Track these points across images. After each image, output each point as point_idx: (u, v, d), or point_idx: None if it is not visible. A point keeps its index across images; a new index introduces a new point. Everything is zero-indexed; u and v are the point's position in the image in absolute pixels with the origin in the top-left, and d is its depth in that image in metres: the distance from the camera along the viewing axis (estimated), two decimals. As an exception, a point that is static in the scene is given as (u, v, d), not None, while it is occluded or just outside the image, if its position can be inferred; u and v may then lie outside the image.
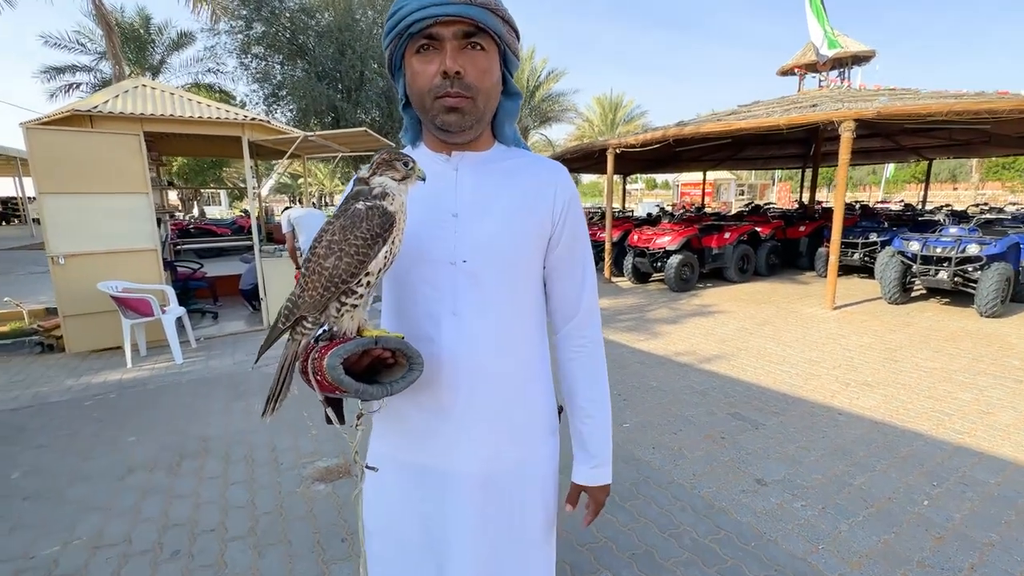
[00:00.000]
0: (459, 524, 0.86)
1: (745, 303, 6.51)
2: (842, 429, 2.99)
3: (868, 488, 2.39)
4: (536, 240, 0.86)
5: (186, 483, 2.48)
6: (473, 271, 0.82)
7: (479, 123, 0.81)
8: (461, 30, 0.75)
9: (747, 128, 6.67)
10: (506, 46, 0.81)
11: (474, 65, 0.76)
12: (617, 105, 28.82)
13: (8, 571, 1.90)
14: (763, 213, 10.30)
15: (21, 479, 2.55)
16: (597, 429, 0.94)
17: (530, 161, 0.89)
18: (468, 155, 0.85)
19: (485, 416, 0.86)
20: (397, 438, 0.90)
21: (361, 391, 0.69)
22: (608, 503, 2.27)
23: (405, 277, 0.85)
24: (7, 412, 3.36)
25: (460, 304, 0.83)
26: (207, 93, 17.31)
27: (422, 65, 0.76)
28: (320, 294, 0.69)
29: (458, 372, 0.83)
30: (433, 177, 0.84)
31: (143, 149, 4.56)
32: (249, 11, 13.31)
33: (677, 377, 3.89)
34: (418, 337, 0.84)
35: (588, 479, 0.95)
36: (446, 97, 0.76)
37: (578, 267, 0.91)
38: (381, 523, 0.92)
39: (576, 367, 0.94)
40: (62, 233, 4.33)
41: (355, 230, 0.68)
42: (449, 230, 0.83)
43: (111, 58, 9.85)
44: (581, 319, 0.93)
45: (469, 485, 0.86)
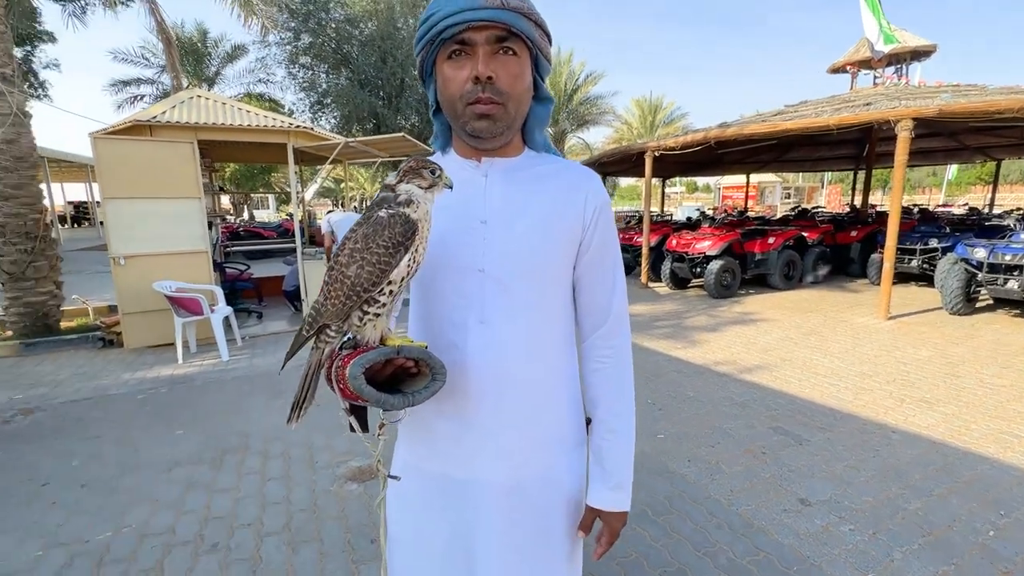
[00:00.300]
0: (484, 534, 0.85)
1: (790, 311, 6.22)
2: (896, 449, 2.80)
3: (925, 514, 2.22)
4: (566, 247, 0.84)
5: (227, 477, 2.58)
6: (500, 278, 0.81)
7: (509, 129, 0.80)
8: (493, 35, 0.74)
9: (793, 129, 6.40)
10: (538, 51, 0.79)
11: (506, 70, 0.75)
12: (657, 107, 28.32)
13: (65, 554, 2.02)
14: (811, 217, 9.85)
15: (80, 467, 2.71)
16: (618, 445, 0.90)
17: (561, 167, 0.87)
18: (498, 161, 0.84)
19: (510, 425, 0.84)
20: (421, 446, 0.90)
21: (382, 401, 0.68)
22: (640, 517, 2.21)
23: (432, 284, 0.85)
24: (70, 403, 3.60)
25: (487, 311, 0.81)
26: (258, 102, 18.13)
27: (453, 71, 0.76)
28: (342, 302, 0.68)
29: (484, 380, 0.82)
30: (462, 183, 0.83)
31: (196, 156, 4.80)
32: (297, 23, 13.88)
33: (716, 387, 3.76)
34: (444, 344, 0.83)
35: (604, 502, 0.88)
36: (477, 103, 0.75)
37: (608, 275, 0.88)
38: (407, 532, 0.92)
39: (601, 378, 0.90)
40: (123, 235, 4.62)
41: (377, 238, 0.67)
42: (477, 237, 0.81)
43: (170, 70, 10.48)
44: (609, 328, 0.89)
45: (493, 495, 0.85)
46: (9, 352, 4.75)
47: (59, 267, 5.32)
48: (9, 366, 4.43)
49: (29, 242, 4.94)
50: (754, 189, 23.25)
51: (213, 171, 7.19)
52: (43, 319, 5.14)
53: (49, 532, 2.16)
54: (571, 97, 21.42)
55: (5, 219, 4.83)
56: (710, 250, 7.03)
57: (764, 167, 13.87)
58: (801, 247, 7.99)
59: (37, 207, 5.03)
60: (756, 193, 24.51)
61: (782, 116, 7.34)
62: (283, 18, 13.53)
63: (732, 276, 7.14)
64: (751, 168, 14.00)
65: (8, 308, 5.03)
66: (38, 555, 2.02)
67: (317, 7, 13.96)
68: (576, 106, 21.53)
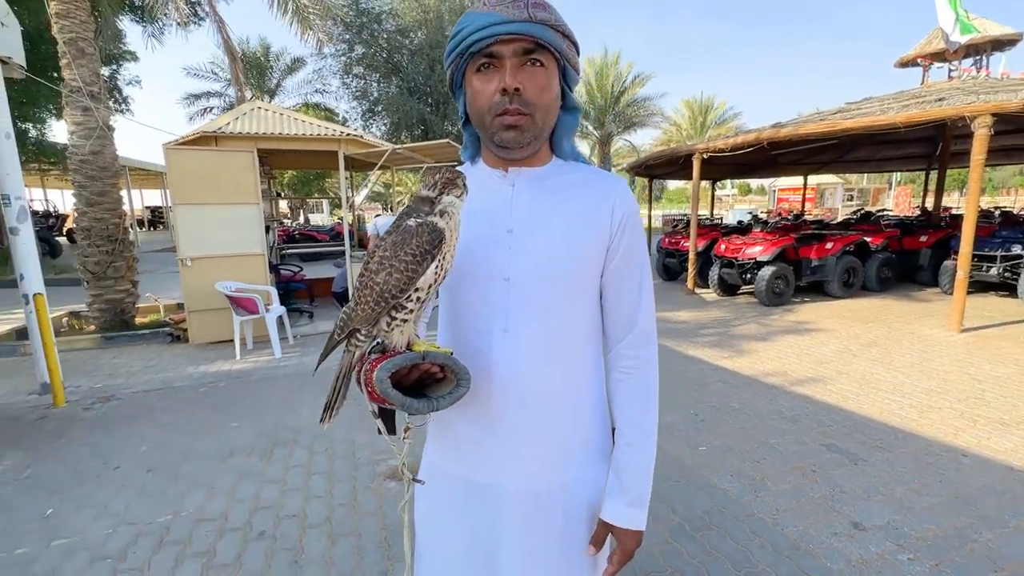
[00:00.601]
0: (505, 539, 0.86)
1: (849, 321, 5.86)
2: (966, 474, 2.58)
3: (998, 547, 2.03)
4: (592, 256, 0.83)
5: (275, 470, 2.72)
6: (525, 287, 0.82)
7: (537, 139, 0.80)
8: (521, 47, 0.75)
9: (854, 128, 6.03)
10: (566, 61, 0.80)
11: (533, 81, 0.76)
12: (708, 108, 27.48)
13: (131, 533, 2.20)
14: (875, 221, 9.23)
15: (147, 453, 2.94)
16: (636, 460, 0.87)
17: (588, 176, 0.87)
18: (525, 171, 0.85)
19: (533, 433, 0.85)
20: (447, 449, 0.92)
21: (407, 405, 0.70)
22: (677, 531, 2.14)
23: (459, 292, 0.86)
24: (142, 393, 3.90)
25: (512, 320, 0.82)
26: (314, 112, 19.04)
27: (482, 84, 0.77)
28: (371, 308, 0.70)
29: (508, 388, 0.83)
30: (490, 193, 0.85)
31: (255, 164, 5.10)
32: (352, 35, 14.48)
33: (764, 400, 3.59)
34: (469, 352, 0.84)
35: (618, 518, 0.85)
36: (505, 115, 0.76)
37: (634, 284, 0.87)
38: (432, 534, 0.94)
39: (625, 389, 0.89)
40: (190, 238, 4.96)
41: (405, 247, 0.68)
42: (504, 246, 0.82)
43: (234, 84, 11.18)
44: (635, 338, 0.88)
45: (514, 501, 0.85)
46: (91, 344, 5.21)
47: (135, 267, 5.78)
48: (91, 357, 4.86)
49: (110, 244, 5.40)
50: (812, 191, 22.04)
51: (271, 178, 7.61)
52: (120, 315, 5.60)
53: (118, 512, 2.35)
54: (618, 99, 21.14)
55: (90, 223, 5.31)
56: (761, 255, 6.73)
57: (823, 168, 13.13)
58: (863, 253, 7.51)
59: (117, 212, 5.49)
60: (815, 195, 23.22)
61: (843, 114, 6.93)
62: (338, 31, 14.15)
63: (785, 283, 6.81)
64: (809, 169, 13.28)
65: (91, 304, 5.52)
66: (108, 532, 2.20)
67: (370, 19, 14.51)
68: (623, 108, 21.23)
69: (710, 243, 8.09)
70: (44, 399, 3.72)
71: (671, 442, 2.96)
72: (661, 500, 2.39)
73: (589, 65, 21.30)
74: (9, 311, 6.98)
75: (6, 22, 3.44)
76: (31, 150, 10.25)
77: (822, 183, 23.91)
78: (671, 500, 2.39)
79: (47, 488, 2.57)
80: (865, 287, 7.51)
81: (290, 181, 23.71)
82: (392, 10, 14.96)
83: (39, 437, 3.15)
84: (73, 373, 4.33)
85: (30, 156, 10.56)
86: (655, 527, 2.19)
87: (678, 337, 5.31)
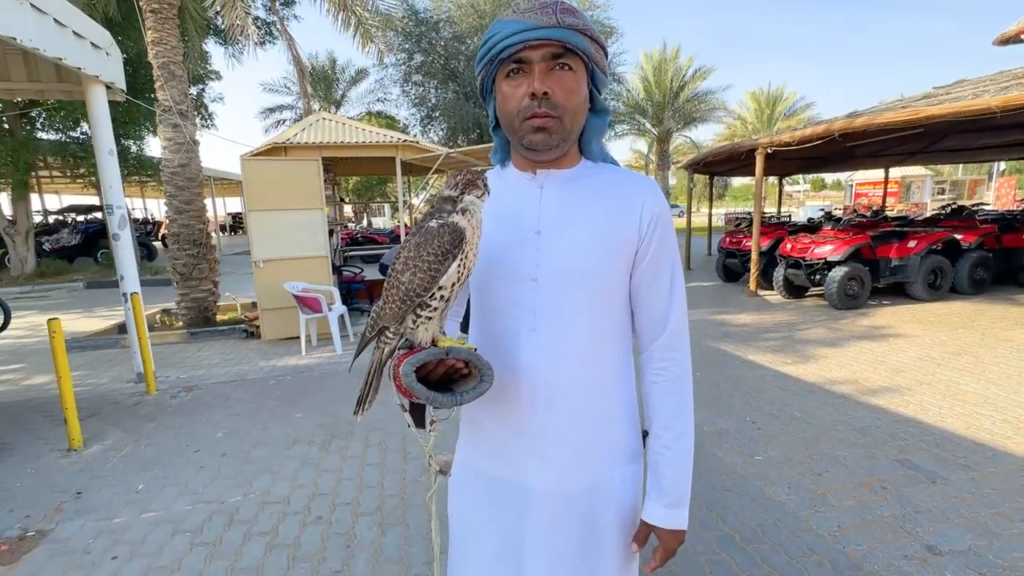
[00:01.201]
0: (533, 539, 0.87)
1: (934, 326, 5.35)
2: (1069, 499, 2.29)
3: (1105, 584, 1.79)
4: (621, 256, 0.84)
5: (333, 459, 2.89)
6: (553, 288, 0.83)
7: (565, 142, 0.81)
8: (549, 52, 0.77)
9: (941, 115, 5.49)
10: (594, 64, 0.81)
11: (561, 85, 0.78)
12: (776, 99, 26.01)
13: (206, 511, 2.42)
14: (968, 216, 8.34)
15: (223, 438, 3.21)
16: (674, 463, 0.87)
17: (617, 176, 0.87)
18: (553, 173, 0.86)
19: (560, 434, 0.86)
20: (477, 449, 0.94)
21: (431, 399, 0.73)
22: (727, 543, 2.07)
23: (487, 293, 0.89)
24: (220, 384, 4.26)
25: (539, 321, 0.83)
26: (377, 120, 19.91)
27: (511, 88, 0.79)
28: (398, 307, 0.73)
29: (536, 388, 0.84)
30: (518, 195, 0.87)
31: (320, 172, 5.43)
32: (411, 44, 15.00)
33: (829, 409, 3.36)
34: (498, 352, 0.86)
35: (659, 519, 0.87)
36: (534, 118, 0.78)
37: (665, 285, 0.86)
38: (464, 529, 0.96)
39: (658, 391, 0.88)
40: (262, 242, 5.36)
41: (428, 247, 0.71)
42: (532, 247, 0.84)
43: (303, 96, 11.92)
44: (667, 339, 0.87)
45: (541, 501, 0.87)
46: (179, 339, 5.76)
47: (216, 269, 6.32)
48: (178, 350, 5.36)
49: (195, 248, 5.94)
50: (895, 185, 20.26)
51: (336, 184, 8.05)
52: (203, 312, 6.14)
53: (196, 491, 2.60)
54: (677, 95, 20.47)
55: (179, 229, 5.87)
56: (832, 255, 6.29)
57: (908, 160, 12.03)
58: (953, 252, 6.83)
59: (202, 219, 6.03)
60: (898, 189, 21.32)
61: (928, 100, 6.33)
62: (398, 41, 14.71)
63: (859, 284, 6.32)
64: (891, 161, 12.22)
65: (179, 303, 6.10)
66: (188, 509, 2.44)
67: (428, 27, 14.96)
68: (683, 104, 20.52)
69: (775, 242, 7.66)
70: (139, 387, 4.16)
71: (723, 450, 2.84)
72: (711, 509, 2.31)
73: (647, 61, 20.78)
74: (112, 308, 7.85)
75: (110, 52, 3.89)
76: (132, 164, 11.46)
77: (907, 175, 21.90)
78: (721, 509, 2.30)
79: (139, 466, 2.87)
80: (955, 289, 6.82)
81: (354, 187, 24.92)
82: (449, 18, 15.36)
83: (135, 420, 3.52)
84: (163, 364, 4.80)
85: (131, 170, 11.81)
86: (703, 535, 2.12)
87: (737, 341, 5.08)
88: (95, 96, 3.88)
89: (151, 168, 11.30)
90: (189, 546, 2.16)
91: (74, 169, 11.37)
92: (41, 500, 2.54)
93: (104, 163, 3.99)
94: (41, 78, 4.47)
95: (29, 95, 4.78)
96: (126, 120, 10.36)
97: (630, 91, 20.83)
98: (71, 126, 10.74)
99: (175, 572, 2.00)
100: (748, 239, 7.96)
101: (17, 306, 8.27)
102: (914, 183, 22.89)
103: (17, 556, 2.12)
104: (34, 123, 10.77)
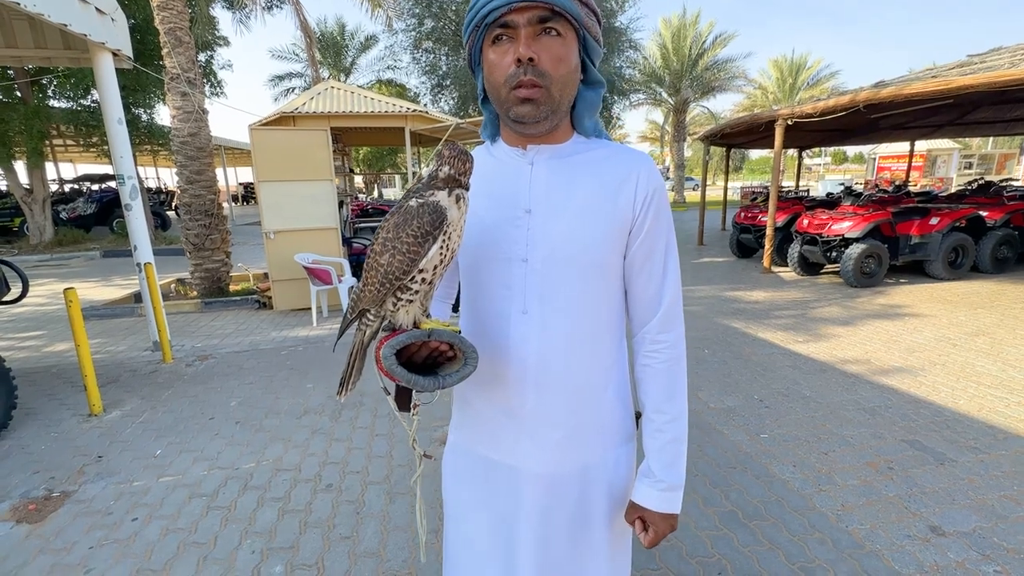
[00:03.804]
0: (523, 517, 0.88)
1: (952, 306, 5.24)
2: (1080, 484, 2.27)
3: (1111, 569, 1.79)
4: (614, 235, 0.80)
5: (343, 429, 2.95)
6: (543, 268, 0.80)
7: (555, 114, 0.77)
8: (536, 15, 0.72)
9: (973, 86, 5.23)
10: (585, 31, 0.76)
11: (548, 51, 0.73)
12: (799, 67, 25.02)
13: (221, 476, 2.50)
14: (996, 192, 8.05)
15: (236, 407, 3.29)
16: (667, 447, 0.86)
17: (611, 152, 0.83)
18: (544, 148, 0.82)
19: (552, 416, 0.85)
20: (469, 431, 0.94)
21: (412, 381, 0.71)
22: (729, 518, 2.09)
23: (478, 274, 0.86)
24: (233, 354, 4.35)
25: (530, 302, 0.81)
26: (387, 88, 19.57)
27: (497, 56, 0.75)
28: (377, 289, 0.70)
29: (526, 370, 0.82)
30: (508, 172, 0.83)
31: (328, 142, 5.37)
32: (421, 9, 14.55)
33: (839, 388, 3.34)
34: (488, 334, 0.85)
35: (649, 501, 0.85)
36: (519, 88, 0.73)
37: (658, 264, 0.84)
38: (457, 511, 0.97)
39: (651, 374, 0.87)
40: (272, 213, 5.37)
41: (407, 227, 0.67)
42: (522, 227, 0.81)
43: (311, 64, 11.71)
44: (660, 321, 0.85)
45: (533, 483, 0.87)
46: (193, 308, 5.85)
47: (229, 239, 6.36)
48: (193, 320, 5.46)
49: (207, 219, 5.97)
50: (921, 158, 19.56)
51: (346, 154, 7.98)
52: (217, 283, 6.22)
53: (211, 457, 2.68)
54: (696, 63, 19.75)
55: (190, 200, 5.89)
56: (850, 232, 6.14)
57: (936, 132, 11.57)
58: (978, 229, 6.62)
59: (213, 189, 6.03)
60: (923, 163, 20.60)
61: (961, 69, 6.03)
62: (408, 5, 14.28)
63: (877, 262, 6.18)
64: (918, 134, 11.77)
65: (193, 273, 6.18)
66: (204, 474, 2.52)
67: (436, -10, 14.45)
68: (701, 72, 19.82)
69: (791, 218, 7.50)
70: (155, 355, 4.26)
71: (730, 427, 2.85)
72: (714, 485, 2.32)
73: (665, 26, 20.00)
74: (128, 277, 7.99)
75: (115, 17, 3.82)
76: (143, 133, 11.44)
77: (933, 149, 21.10)
78: (725, 486, 2.32)
79: (157, 432, 2.96)
80: (977, 268, 6.65)
81: (364, 157, 24.72)
82: (460, -20, 14.83)
83: (152, 388, 3.62)
84: (178, 333, 4.90)
85: (142, 139, 11.79)
86: (706, 511, 2.14)
87: (748, 318, 5.03)
88: (102, 63, 3.83)
89: (162, 137, 11.29)
90: (205, 510, 2.24)
91: (87, 138, 11.39)
92: (64, 463, 2.64)
93: (114, 132, 3.98)
94: (48, 45, 4.42)
95: (37, 62, 4.74)
96: (135, 88, 10.29)
97: (647, 59, 20.14)
98: (82, 94, 10.70)
99: (192, 534, 2.08)
100: (763, 214, 7.80)
101: (37, 274, 8.45)
102: (940, 157, 22.08)
103: (44, 515, 2.22)
104: (45, 91, 10.75)
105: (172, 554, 1.98)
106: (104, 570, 1.90)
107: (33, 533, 2.11)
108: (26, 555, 1.98)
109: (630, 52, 14.78)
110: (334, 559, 1.93)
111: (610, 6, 13.31)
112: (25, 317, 5.71)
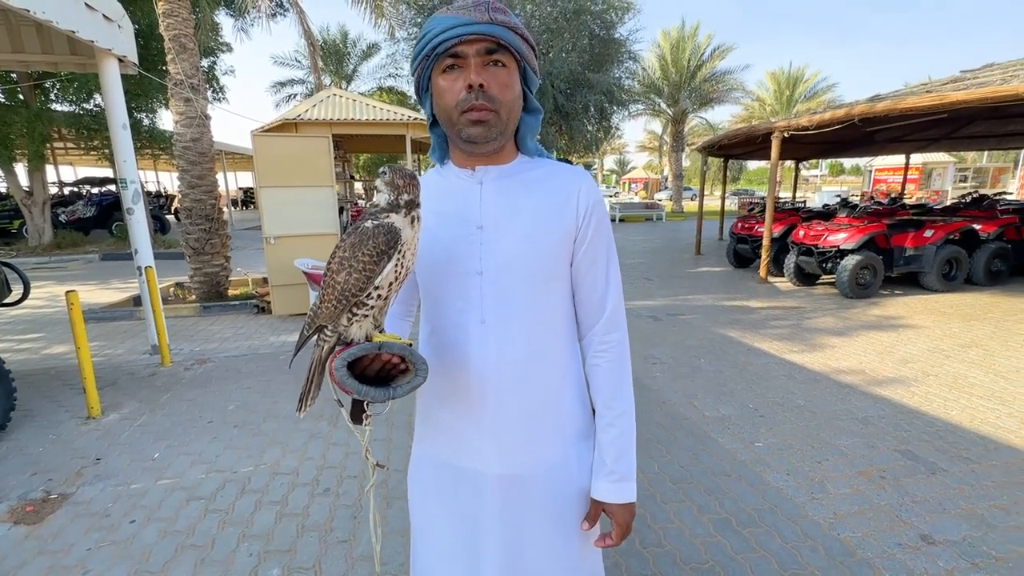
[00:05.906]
0: (488, 522, 0.90)
1: (946, 318, 5.29)
2: (1069, 494, 2.30)
3: (1097, 578, 1.82)
4: (560, 246, 0.87)
5: (340, 434, 2.96)
6: (498, 280, 0.85)
7: (503, 135, 0.84)
8: (484, 47, 0.79)
9: (968, 101, 5.32)
10: (526, 63, 0.84)
11: (496, 79, 0.80)
12: (796, 80, 25.29)
13: (219, 480, 2.51)
14: (989, 206, 8.14)
15: (234, 411, 3.30)
16: (617, 439, 0.91)
17: (553, 170, 0.91)
18: (492, 169, 0.88)
19: (513, 421, 0.88)
20: (431, 439, 0.97)
21: (362, 392, 0.73)
22: (722, 525, 2.11)
23: (436, 288, 0.91)
24: (232, 358, 4.36)
25: (487, 312, 0.86)
26: (388, 96, 19.70)
27: (448, 83, 0.81)
28: (333, 306, 0.73)
29: (486, 378, 0.86)
30: (459, 192, 0.89)
31: (330, 149, 5.42)
32: (423, 18, 14.70)
33: (833, 398, 3.37)
34: (448, 344, 0.89)
35: (607, 494, 0.90)
36: (471, 111, 0.80)
37: (601, 271, 0.91)
38: (425, 522, 0.99)
39: (600, 373, 0.93)
40: (273, 218, 5.40)
41: (363, 247, 0.70)
42: (475, 242, 0.86)
43: (313, 71, 11.80)
44: (606, 323, 0.92)
45: (495, 487, 0.90)
46: (192, 312, 5.87)
47: (228, 244, 6.38)
48: (192, 324, 5.47)
49: (208, 223, 5.99)
50: (916, 171, 19.75)
51: (346, 161, 8.04)
52: (216, 287, 6.24)
53: (210, 460, 2.69)
54: (694, 74, 19.97)
55: (191, 204, 5.92)
56: (845, 243, 6.20)
57: (931, 146, 11.71)
58: (971, 242, 6.70)
59: (214, 194, 6.07)
60: (919, 176, 20.79)
61: (955, 84, 6.13)
62: (410, 15, 14.43)
63: (872, 274, 6.24)
64: (913, 147, 11.90)
65: (192, 277, 6.19)
66: (202, 477, 2.53)
67: (440, 2, 14.62)
68: (699, 83, 20.03)
69: (788, 229, 7.57)
70: (154, 359, 4.27)
71: (725, 435, 2.87)
72: (709, 493, 2.35)
73: (664, 38, 20.24)
74: (127, 280, 8.00)
75: (122, 24, 3.88)
76: (145, 137, 11.50)
77: (929, 162, 21.32)
78: (719, 494, 2.34)
79: (155, 435, 2.97)
80: (971, 280, 6.72)
81: (365, 164, 24.82)
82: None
83: (150, 391, 3.63)
84: (177, 337, 4.91)
85: (144, 143, 11.85)
86: (700, 518, 2.17)
87: (743, 328, 5.07)
88: (108, 69, 3.89)
89: (163, 141, 11.34)
90: (203, 512, 2.25)
91: (88, 141, 11.44)
92: (63, 465, 2.65)
93: (118, 137, 4.02)
94: (55, 50, 4.48)
95: (43, 67, 4.80)
96: (138, 93, 10.37)
97: (646, 70, 20.35)
98: (84, 98, 10.76)
99: (190, 536, 2.10)
100: (760, 225, 7.86)
101: (36, 276, 8.45)
102: (935, 169, 22.29)
103: (41, 516, 2.23)
104: (48, 94, 10.82)
105: (170, 556, 1.99)
106: (102, 572, 1.91)
107: (31, 535, 2.12)
108: (24, 556, 1.99)
109: (629, 63, 14.94)
110: (331, 562, 1.95)
111: (610, 18, 13.47)
112: (24, 319, 5.71)
